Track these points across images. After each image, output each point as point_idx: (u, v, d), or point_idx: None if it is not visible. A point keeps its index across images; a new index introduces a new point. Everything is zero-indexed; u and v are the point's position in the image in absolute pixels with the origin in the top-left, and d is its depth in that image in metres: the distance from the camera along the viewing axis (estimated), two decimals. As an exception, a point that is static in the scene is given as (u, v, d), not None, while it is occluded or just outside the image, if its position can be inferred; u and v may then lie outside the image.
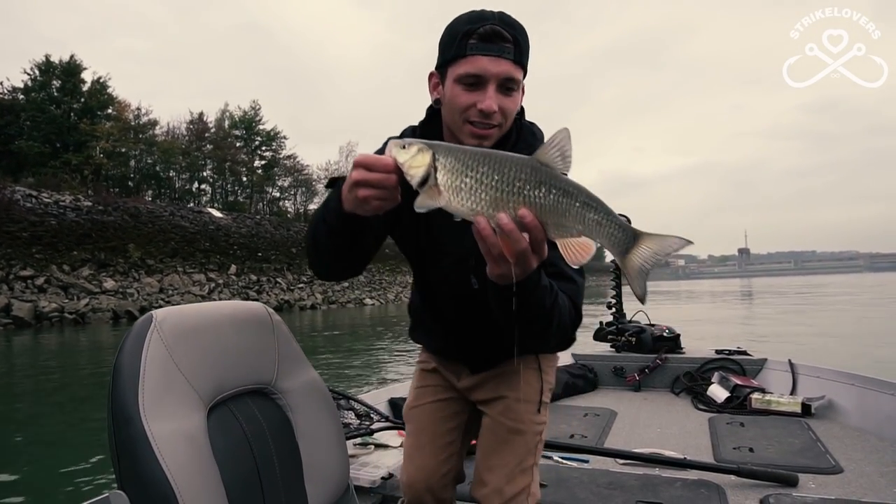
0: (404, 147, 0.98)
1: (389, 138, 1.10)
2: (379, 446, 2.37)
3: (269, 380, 1.31)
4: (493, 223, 0.94)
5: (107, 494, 1.02)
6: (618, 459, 2.41)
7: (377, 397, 2.82)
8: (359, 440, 2.38)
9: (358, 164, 1.02)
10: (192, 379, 1.11)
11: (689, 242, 0.96)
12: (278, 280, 33.36)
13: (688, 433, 2.86)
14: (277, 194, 55.16)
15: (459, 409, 1.58)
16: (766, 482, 2.15)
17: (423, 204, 0.96)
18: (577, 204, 0.93)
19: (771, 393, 3.26)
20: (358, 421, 2.44)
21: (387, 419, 2.50)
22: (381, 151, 1.24)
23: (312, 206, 52.64)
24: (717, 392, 3.36)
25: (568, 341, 1.43)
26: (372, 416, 2.49)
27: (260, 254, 34.93)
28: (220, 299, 28.16)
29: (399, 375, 8.77)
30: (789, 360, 3.49)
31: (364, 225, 1.15)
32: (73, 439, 5.51)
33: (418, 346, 1.68)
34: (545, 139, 1.38)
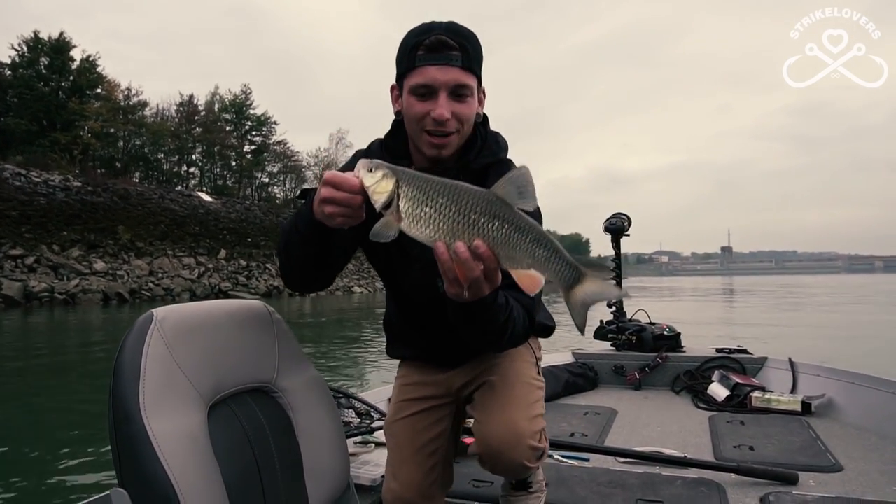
0: (371, 170, 1.02)
1: (357, 151, 1.15)
2: (379, 445, 2.34)
3: (270, 378, 1.31)
4: (450, 250, 0.99)
5: (108, 492, 1.00)
6: (618, 458, 2.40)
7: (377, 396, 2.78)
8: (359, 438, 2.37)
9: (326, 182, 1.06)
10: (193, 377, 1.10)
11: (627, 295, 1.02)
12: (268, 266, 33.26)
13: (688, 432, 2.85)
14: (266, 180, 54.93)
15: (444, 415, 1.55)
16: (767, 480, 2.14)
17: (377, 233, 1.01)
18: (528, 239, 1.00)
19: (771, 391, 3.26)
20: (358, 419, 2.44)
21: (388, 418, 2.47)
22: (350, 164, 1.29)
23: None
24: (718, 391, 3.35)
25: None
26: (372, 414, 2.48)
27: (249, 239, 34.81)
28: (210, 283, 28.32)
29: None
30: (789, 359, 3.49)
31: (334, 236, 1.19)
32: (72, 431, 5.39)
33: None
34: (508, 147, 1.45)
